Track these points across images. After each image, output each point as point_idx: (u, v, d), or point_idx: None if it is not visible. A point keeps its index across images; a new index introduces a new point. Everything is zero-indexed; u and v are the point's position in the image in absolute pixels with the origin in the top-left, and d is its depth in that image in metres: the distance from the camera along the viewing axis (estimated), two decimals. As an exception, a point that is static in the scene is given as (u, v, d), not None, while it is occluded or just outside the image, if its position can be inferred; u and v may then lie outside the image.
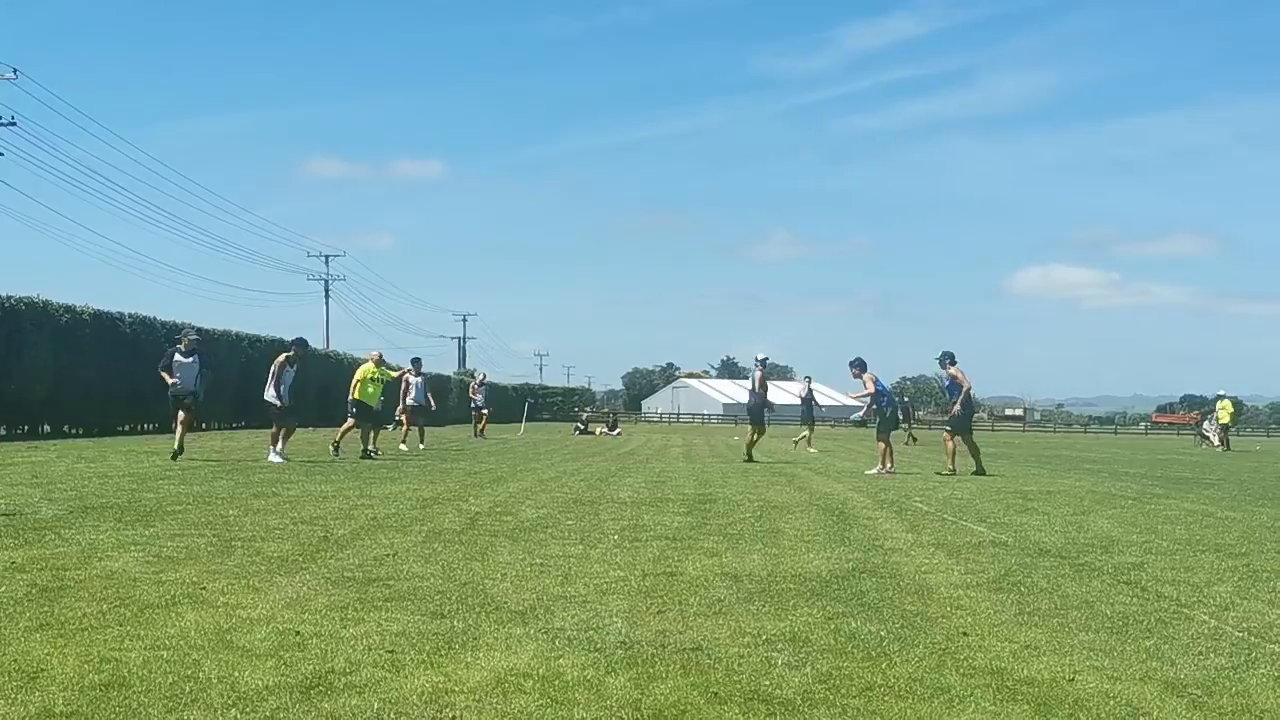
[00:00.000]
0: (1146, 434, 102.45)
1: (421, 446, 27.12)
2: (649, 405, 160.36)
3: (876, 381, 21.95)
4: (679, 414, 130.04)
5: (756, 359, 24.40)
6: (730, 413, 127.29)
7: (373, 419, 22.89)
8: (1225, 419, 44.48)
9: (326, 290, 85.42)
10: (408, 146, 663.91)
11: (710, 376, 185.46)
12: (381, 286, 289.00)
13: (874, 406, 21.92)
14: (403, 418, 28.22)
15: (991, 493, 16.14)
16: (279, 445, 20.12)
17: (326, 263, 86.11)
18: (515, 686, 4.92)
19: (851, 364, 22.38)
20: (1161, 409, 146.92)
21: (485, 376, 43.89)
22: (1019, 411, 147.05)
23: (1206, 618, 6.81)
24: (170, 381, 19.25)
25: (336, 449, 22.06)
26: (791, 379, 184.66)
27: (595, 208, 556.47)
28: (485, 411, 39.17)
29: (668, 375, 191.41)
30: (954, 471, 20.15)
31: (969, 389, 20.85)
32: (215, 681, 4.88)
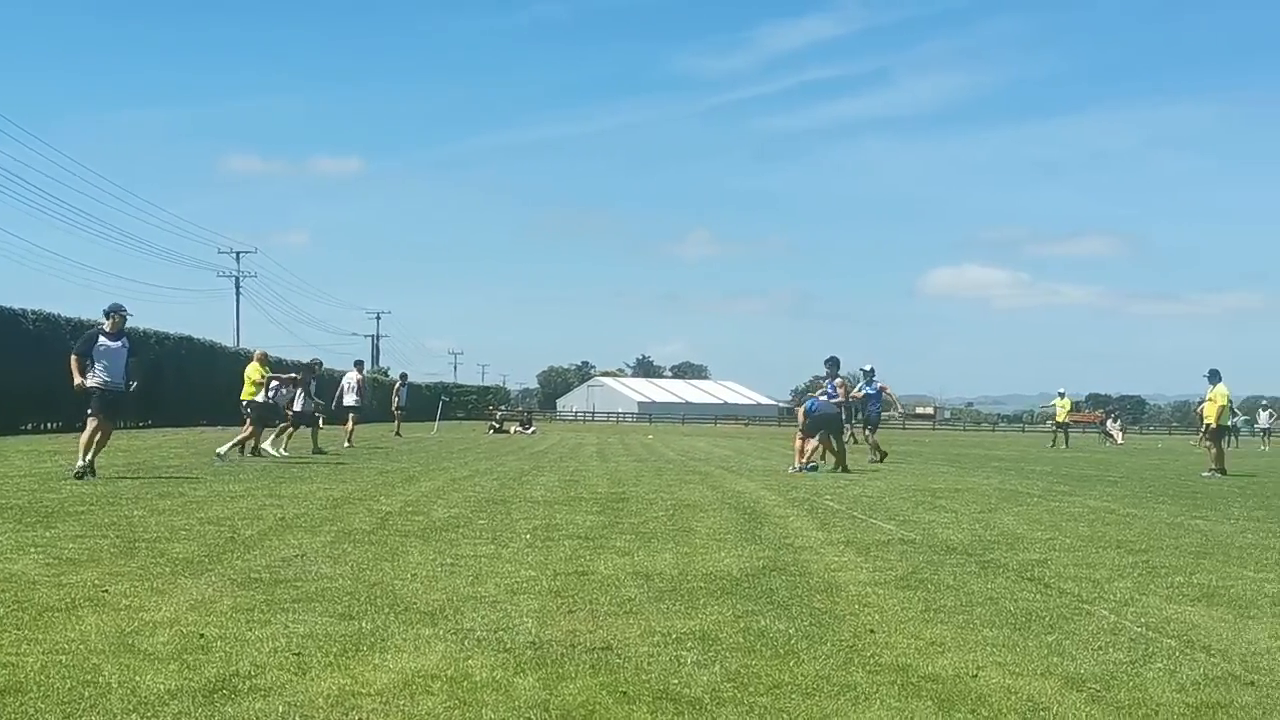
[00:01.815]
0: (1053, 430, 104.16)
1: (281, 452, 25.70)
2: (564, 404, 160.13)
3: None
4: (594, 413, 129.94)
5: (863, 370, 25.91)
6: (645, 411, 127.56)
7: (271, 418, 22.85)
8: (1062, 416, 44.95)
9: (238, 287, 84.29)
10: (327, 143, 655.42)
11: (626, 375, 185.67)
12: (294, 284, 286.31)
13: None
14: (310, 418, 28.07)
15: (901, 490, 16.35)
16: (271, 440, 21.80)
17: (238, 259, 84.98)
18: (423, 688, 4.89)
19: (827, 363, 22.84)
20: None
21: (407, 377, 44.02)
22: (929, 410, 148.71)
23: (1106, 613, 6.95)
24: (77, 382, 15.15)
25: (257, 452, 21.82)
26: (707, 377, 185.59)
27: (513, 205, 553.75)
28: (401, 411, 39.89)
29: (583, 374, 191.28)
30: (881, 459, 20.71)
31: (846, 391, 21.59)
32: (115, 686, 4.79)
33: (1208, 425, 24.58)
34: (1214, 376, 24.25)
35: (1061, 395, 45.23)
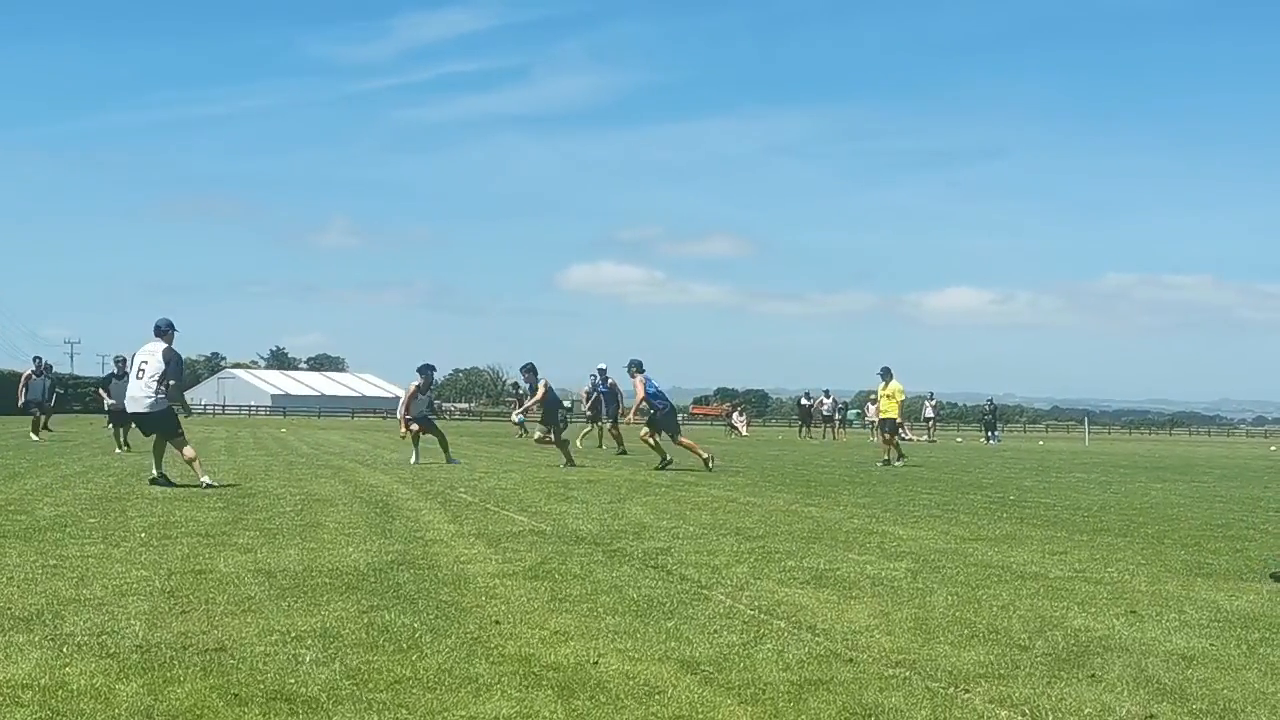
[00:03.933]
0: (684, 423, 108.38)
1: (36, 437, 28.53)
2: (193, 397, 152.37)
3: (647, 383, 22.44)
4: (225, 406, 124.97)
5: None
6: (279, 404, 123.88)
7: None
8: None
9: None
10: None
11: (259, 367, 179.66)
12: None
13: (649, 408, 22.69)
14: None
15: (535, 482, 16.51)
16: (448, 452, 21.86)
17: None
18: (12, 699, 4.52)
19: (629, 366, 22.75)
20: (698, 400, 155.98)
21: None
22: (566, 404, 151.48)
23: (723, 597, 7.22)
24: (188, 405, 16.52)
25: None
26: (344, 369, 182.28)
27: (140, 187, 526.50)
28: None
29: (213, 365, 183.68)
30: (666, 463, 21.29)
31: (641, 395, 22.11)
32: None
33: (885, 419, 26.27)
34: (886, 374, 25.69)
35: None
